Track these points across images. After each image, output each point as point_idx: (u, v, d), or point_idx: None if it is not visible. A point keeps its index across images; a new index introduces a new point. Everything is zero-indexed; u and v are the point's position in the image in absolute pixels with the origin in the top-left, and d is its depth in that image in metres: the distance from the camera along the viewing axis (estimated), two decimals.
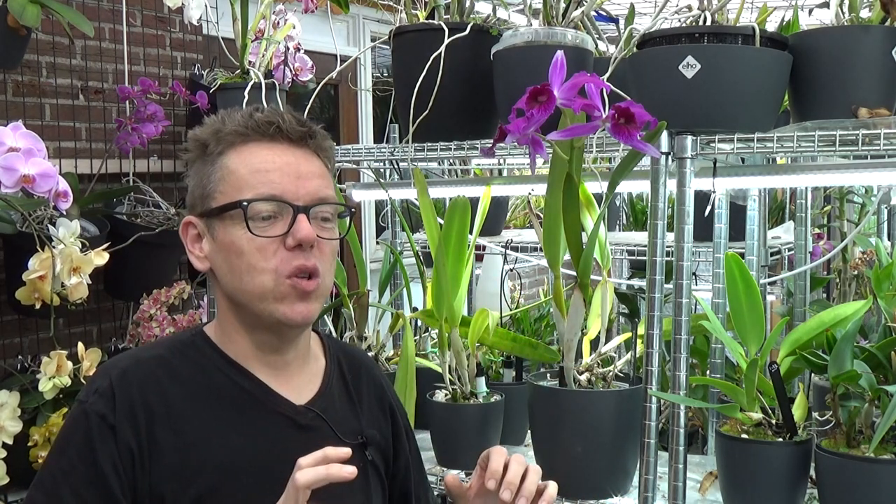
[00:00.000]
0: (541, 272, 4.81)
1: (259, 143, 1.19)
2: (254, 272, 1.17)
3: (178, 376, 1.20)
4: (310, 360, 1.30)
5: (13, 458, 2.02)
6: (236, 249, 1.18)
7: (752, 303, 1.58)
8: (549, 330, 2.50)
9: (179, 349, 1.24)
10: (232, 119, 1.21)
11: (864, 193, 2.85)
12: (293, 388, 1.25)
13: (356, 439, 1.27)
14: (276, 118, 1.20)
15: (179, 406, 1.18)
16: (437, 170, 2.91)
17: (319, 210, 1.19)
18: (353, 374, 1.35)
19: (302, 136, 1.20)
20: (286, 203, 1.17)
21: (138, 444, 1.14)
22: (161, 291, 2.53)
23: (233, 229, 1.17)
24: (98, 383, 1.17)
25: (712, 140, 1.53)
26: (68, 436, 1.16)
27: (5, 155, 1.90)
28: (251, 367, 1.23)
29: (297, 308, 1.18)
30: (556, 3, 1.75)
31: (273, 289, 1.17)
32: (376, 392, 1.37)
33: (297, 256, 1.16)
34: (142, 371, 1.19)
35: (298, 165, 1.19)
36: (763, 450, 1.52)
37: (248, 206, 1.16)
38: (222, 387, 1.21)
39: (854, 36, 1.52)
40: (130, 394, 1.16)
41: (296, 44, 2.64)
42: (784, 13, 1.98)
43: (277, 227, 1.16)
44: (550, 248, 1.60)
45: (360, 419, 1.31)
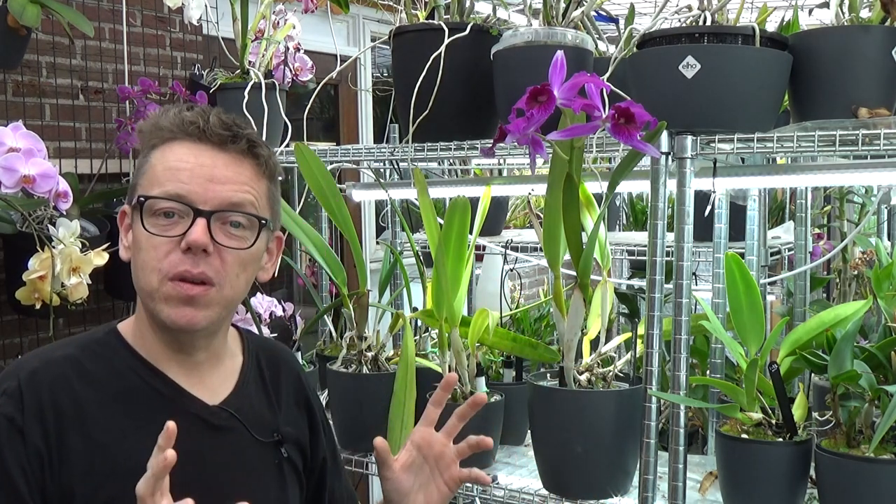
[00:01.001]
0: (541, 272, 4.81)
1: (183, 143, 1.18)
2: (145, 269, 1.16)
3: (89, 377, 1.19)
4: (225, 359, 1.29)
5: None
6: (137, 244, 1.18)
7: (752, 303, 1.58)
8: (549, 330, 2.50)
9: (91, 348, 1.23)
10: (167, 115, 1.20)
11: (864, 193, 2.84)
12: (207, 388, 1.24)
13: (271, 437, 1.27)
14: (200, 118, 1.18)
15: (90, 408, 1.16)
16: (437, 170, 2.91)
17: (228, 216, 1.17)
18: (272, 371, 1.35)
19: (224, 140, 1.18)
20: (187, 205, 1.15)
21: (47, 447, 1.12)
22: None
23: (138, 224, 1.17)
24: (6, 384, 1.16)
25: (712, 140, 1.53)
26: None
27: (5, 155, 1.90)
28: (163, 367, 1.22)
29: (180, 312, 1.16)
30: (556, 3, 1.75)
31: (157, 288, 1.16)
32: (294, 387, 1.37)
33: (186, 261, 1.14)
34: (51, 371, 1.17)
35: (215, 168, 1.17)
36: (763, 450, 1.52)
37: (146, 202, 1.16)
38: (134, 388, 1.20)
39: (854, 36, 1.52)
40: (39, 395, 1.14)
41: (296, 44, 2.64)
42: (784, 13, 1.98)
43: (176, 228, 1.15)
44: (550, 248, 1.60)
45: (277, 416, 1.30)
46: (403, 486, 1.25)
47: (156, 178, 1.17)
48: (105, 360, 1.21)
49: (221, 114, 1.20)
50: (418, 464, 1.26)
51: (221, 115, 1.20)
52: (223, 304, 1.19)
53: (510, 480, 1.84)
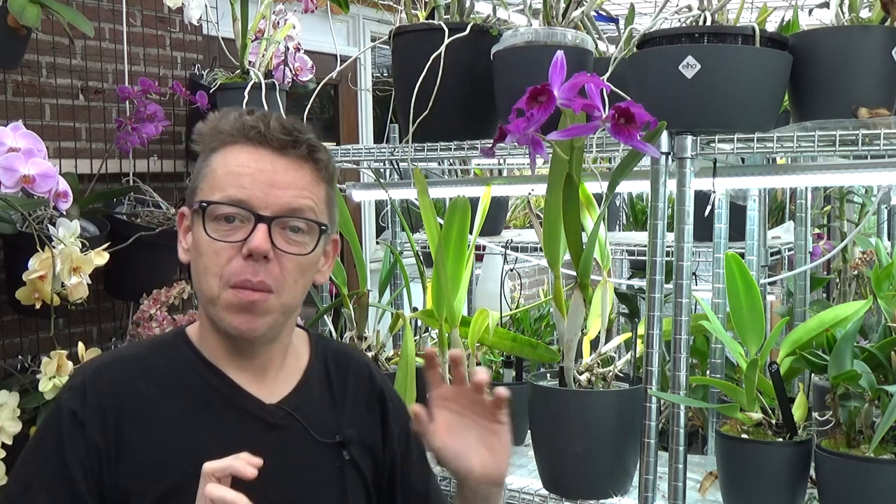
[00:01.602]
0: (541, 272, 4.81)
1: (244, 147, 1.18)
2: (207, 275, 1.17)
3: (151, 374, 1.21)
4: (288, 360, 1.29)
5: (13, 459, 2.02)
6: (198, 248, 1.18)
7: (752, 303, 1.58)
8: (549, 330, 2.50)
9: (158, 348, 1.25)
10: (227, 118, 1.21)
11: (864, 193, 2.85)
12: (266, 388, 1.24)
13: (332, 438, 1.26)
14: (260, 123, 1.18)
15: (149, 404, 1.18)
16: (437, 170, 2.91)
17: (288, 221, 1.17)
18: (340, 373, 1.34)
19: (284, 145, 1.18)
20: (248, 210, 1.15)
21: (105, 442, 1.14)
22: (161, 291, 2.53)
23: (199, 228, 1.17)
24: (73, 381, 1.20)
25: (712, 140, 1.53)
26: (44, 431, 1.18)
27: (5, 155, 1.90)
28: (223, 366, 1.22)
29: (240, 319, 1.16)
30: (556, 3, 1.75)
31: (219, 295, 1.16)
32: (364, 391, 1.35)
33: (247, 269, 1.14)
34: (116, 369, 1.20)
35: (275, 173, 1.17)
36: (763, 450, 1.53)
37: (208, 207, 1.16)
38: (193, 385, 1.21)
39: (854, 36, 1.52)
40: (102, 391, 1.17)
41: (296, 44, 2.64)
42: (784, 13, 1.98)
43: (238, 234, 1.15)
44: (550, 248, 1.60)
45: (341, 418, 1.29)
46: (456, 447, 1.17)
47: (217, 183, 1.17)
48: (168, 359, 1.23)
49: (282, 118, 1.20)
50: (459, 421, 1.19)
51: (282, 120, 1.19)
52: (281, 311, 1.19)
53: (510, 480, 1.84)
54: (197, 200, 1.18)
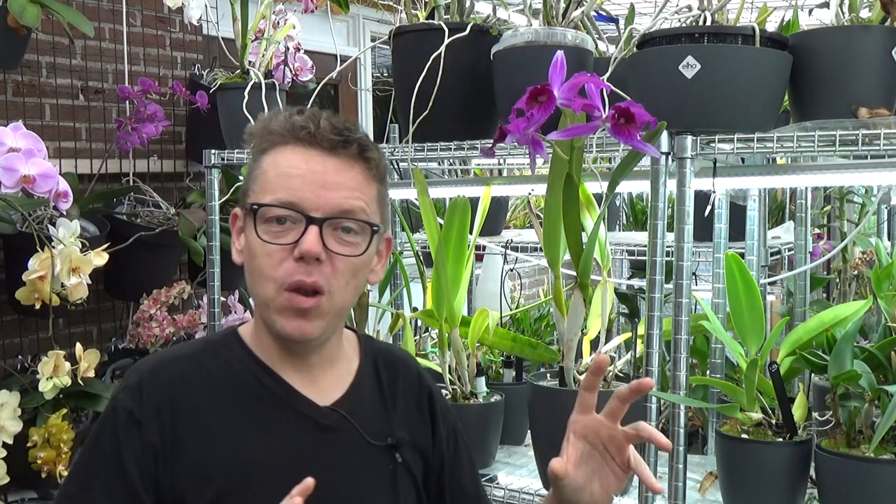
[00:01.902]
0: (541, 272, 4.81)
1: (295, 147, 1.17)
2: (261, 278, 1.16)
3: (206, 375, 1.21)
4: (340, 362, 1.28)
5: (13, 459, 2.02)
6: (251, 251, 1.18)
7: (752, 303, 1.58)
8: (549, 330, 2.50)
9: (211, 348, 1.25)
10: (277, 118, 1.19)
11: (864, 193, 2.85)
12: (319, 390, 1.24)
13: (384, 441, 1.25)
14: (310, 123, 1.16)
15: (204, 404, 1.18)
16: (437, 170, 2.91)
17: (340, 222, 1.16)
18: (390, 375, 1.33)
19: (335, 145, 1.16)
20: (299, 212, 1.14)
21: (162, 441, 1.15)
22: (161, 291, 2.53)
23: (251, 230, 1.17)
24: (129, 380, 1.19)
25: (712, 140, 1.53)
26: (100, 430, 1.17)
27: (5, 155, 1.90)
28: (277, 368, 1.22)
29: (293, 324, 1.16)
30: (556, 3, 1.75)
31: (273, 298, 1.16)
32: (413, 392, 1.34)
33: (300, 270, 1.14)
34: (171, 369, 1.20)
35: (326, 174, 1.16)
36: (763, 450, 1.53)
37: (259, 209, 1.15)
38: (247, 386, 1.21)
39: (854, 36, 1.52)
40: (158, 390, 1.17)
41: (296, 44, 2.64)
42: (784, 13, 1.98)
43: (289, 236, 1.15)
44: (550, 248, 1.60)
45: (392, 420, 1.28)
46: (579, 481, 1.15)
47: (268, 185, 1.16)
48: (222, 360, 1.23)
49: (332, 117, 1.19)
50: (587, 453, 1.16)
51: (332, 119, 1.18)
52: (334, 313, 1.19)
53: (510, 480, 1.84)
54: (249, 203, 1.18)
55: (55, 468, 2.05)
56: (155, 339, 2.48)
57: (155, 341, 2.48)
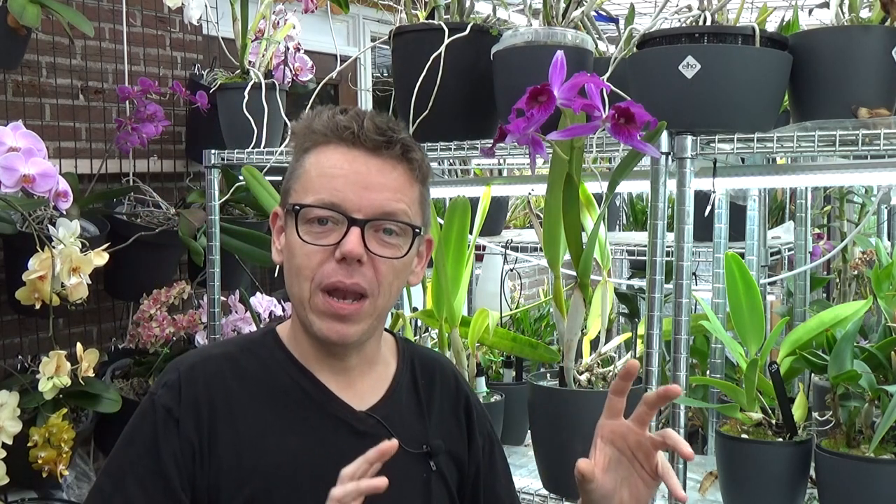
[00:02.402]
0: (541, 272, 4.81)
1: (338, 147, 1.16)
2: (299, 277, 1.15)
3: (243, 374, 1.20)
4: (377, 365, 1.27)
5: (13, 459, 2.02)
6: (290, 250, 1.17)
7: (752, 303, 1.58)
8: (549, 330, 2.50)
9: (249, 347, 1.24)
10: (321, 117, 1.18)
11: (864, 193, 2.85)
12: (356, 393, 1.23)
13: (420, 448, 1.24)
14: (354, 123, 1.15)
15: (241, 404, 1.17)
16: (437, 170, 2.91)
17: (382, 224, 1.15)
18: (427, 379, 1.31)
19: (378, 145, 1.15)
20: (341, 213, 1.13)
21: (199, 439, 1.14)
22: (161, 291, 2.53)
23: (292, 230, 1.16)
24: (167, 377, 1.19)
25: (712, 140, 1.53)
26: (136, 426, 1.17)
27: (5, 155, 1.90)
28: (314, 370, 1.21)
29: (332, 327, 1.15)
30: (556, 3, 1.75)
31: (309, 299, 1.15)
32: (450, 399, 1.33)
33: (340, 271, 1.13)
34: (209, 367, 1.20)
35: (369, 175, 1.15)
36: (763, 450, 1.53)
37: (301, 210, 1.14)
38: (284, 387, 1.20)
39: (854, 36, 1.52)
40: (196, 389, 1.17)
41: (296, 44, 2.64)
42: (784, 13, 1.98)
43: (331, 237, 1.14)
44: (550, 248, 1.60)
45: (427, 427, 1.27)
46: (607, 487, 1.15)
47: (310, 185, 1.15)
48: (260, 359, 1.22)
49: (376, 117, 1.17)
50: (615, 459, 1.16)
51: (376, 119, 1.17)
52: (375, 315, 1.18)
53: None
54: (290, 202, 1.17)
55: (55, 468, 2.05)
56: (155, 339, 2.48)
57: (155, 341, 2.48)
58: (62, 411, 2.09)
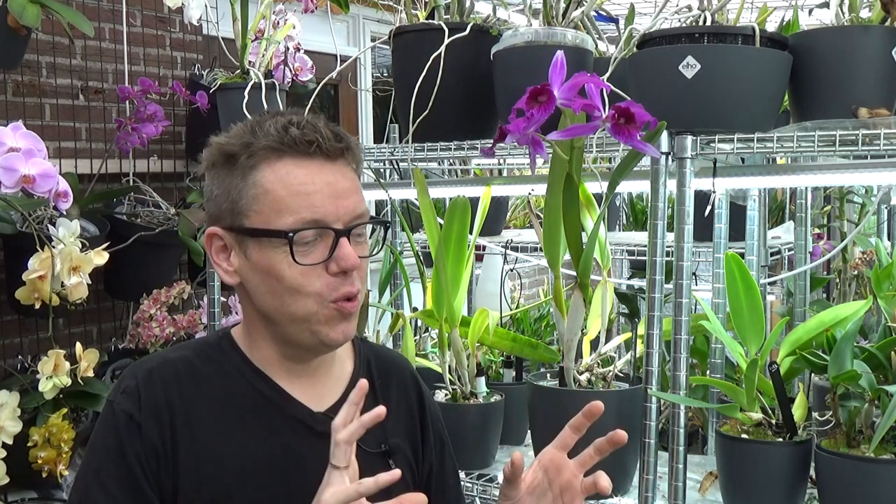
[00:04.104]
0: (541, 272, 4.81)
1: (294, 160, 1.14)
2: (297, 296, 1.15)
3: (201, 379, 1.21)
4: (334, 366, 1.28)
5: (13, 459, 2.02)
6: (276, 273, 1.15)
7: (752, 303, 1.58)
8: (549, 330, 2.50)
9: (205, 351, 1.25)
10: (264, 132, 1.15)
11: (864, 193, 2.85)
12: (314, 395, 1.24)
13: (378, 447, 1.25)
14: (315, 136, 1.14)
15: (198, 408, 1.18)
16: (437, 170, 2.91)
17: (359, 229, 1.17)
18: (383, 379, 1.32)
19: (340, 152, 1.16)
20: (328, 228, 1.14)
21: (162, 443, 1.15)
22: (161, 291, 2.53)
23: (272, 253, 1.14)
24: (125, 383, 1.19)
25: (712, 140, 1.53)
26: (99, 434, 1.17)
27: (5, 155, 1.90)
28: (272, 374, 1.22)
29: (340, 329, 1.17)
30: (556, 3, 1.75)
31: (317, 312, 1.15)
32: (406, 397, 1.34)
33: (343, 282, 1.15)
34: (167, 371, 1.20)
35: (337, 184, 1.15)
36: (763, 450, 1.52)
37: (294, 236, 1.13)
38: (241, 391, 1.21)
39: (854, 36, 1.52)
40: (155, 393, 1.17)
41: (296, 44, 2.64)
42: (784, 13, 1.98)
43: (319, 252, 1.14)
44: (550, 248, 1.60)
45: (385, 427, 1.26)
46: None
47: (284, 205, 1.13)
48: (216, 364, 1.23)
49: (329, 124, 1.17)
50: (542, 488, 1.20)
51: (330, 127, 1.17)
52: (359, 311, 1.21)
53: None
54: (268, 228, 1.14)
55: (55, 468, 2.05)
56: (155, 339, 2.48)
57: (155, 341, 2.48)
58: (62, 411, 2.09)
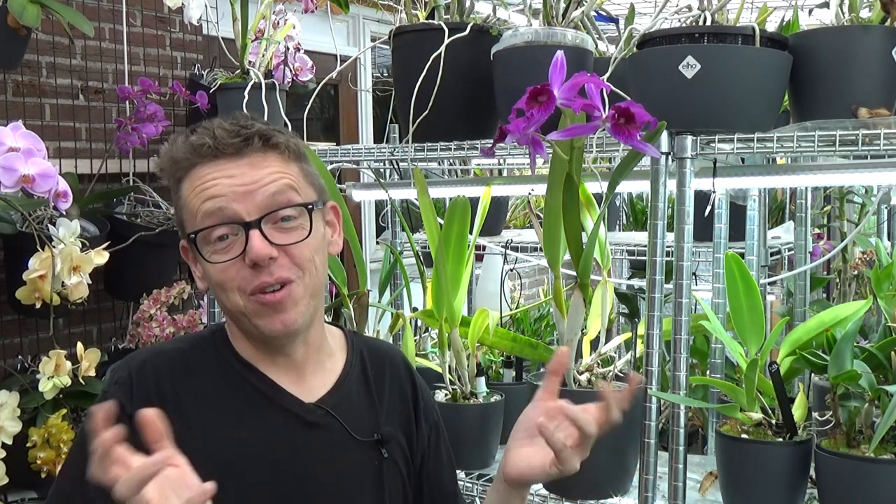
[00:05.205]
0: (541, 272, 4.80)
1: (203, 165, 1.17)
2: (227, 292, 1.18)
3: (193, 370, 1.22)
4: (324, 357, 1.29)
5: (13, 459, 2.02)
6: (208, 274, 1.19)
7: (752, 303, 1.58)
8: (549, 330, 2.50)
9: (199, 344, 1.26)
10: (177, 146, 1.20)
11: (864, 193, 2.85)
12: (305, 386, 1.25)
13: (370, 437, 1.26)
14: (206, 138, 1.16)
15: (189, 399, 1.19)
16: (437, 170, 2.91)
17: (276, 215, 1.16)
18: (376, 370, 1.34)
19: (238, 147, 1.16)
20: (233, 222, 1.15)
21: None
22: (161, 291, 2.53)
23: (200, 257, 1.18)
24: (119, 374, 1.20)
25: (712, 140, 1.53)
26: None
27: (5, 155, 1.90)
28: (261, 366, 1.23)
29: (274, 320, 1.17)
30: (556, 3, 1.75)
31: (245, 306, 1.17)
32: (400, 387, 1.35)
33: (259, 274, 1.15)
34: (159, 362, 1.21)
35: (243, 177, 1.16)
36: (763, 450, 1.52)
37: (196, 236, 1.16)
38: (233, 383, 1.22)
39: (854, 36, 1.52)
40: (147, 384, 1.18)
41: (296, 44, 2.64)
42: (784, 13, 1.98)
43: (235, 248, 1.15)
44: (550, 248, 1.60)
45: (379, 416, 1.29)
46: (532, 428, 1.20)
47: (194, 210, 1.17)
48: (209, 356, 1.24)
49: (224, 122, 1.18)
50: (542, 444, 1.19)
51: (225, 124, 1.18)
52: (310, 294, 1.20)
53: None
54: (186, 233, 1.19)
55: (55, 468, 2.05)
56: (155, 339, 2.48)
57: (155, 341, 2.48)
58: (62, 411, 2.09)
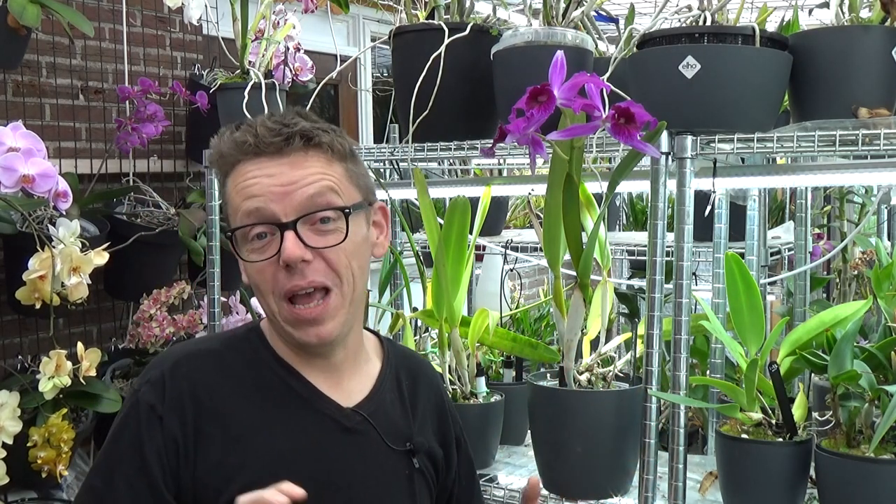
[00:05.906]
0: (541, 272, 4.80)
1: (246, 163, 1.16)
2: (262, 294, 1.17)
3: (229, 370, 1.20)
4: (362, 362, 1.28)
5: (13, 459, 2.02)
6: (247, 272, 1.19)
7: (752, 303, 1.58)
8: (549, 330, 2.50)
9: (234, 343, 1.24)
10: (224, 140, 1.19)
11: (864, 193, 2.85)
12: (342, 391, 1.23)
13: (403, 446, 1.25)
14: (248, 135, 1.15)
15: (227, 401, 1.18)
16: (437, 170, 2.91)
17: (314, 217, 1.15)
18: (411, 380, 1.33)
19: (279, 146, 1.15)
20: (269, 222, 1.14)
21: (184, 436, 1.14)
22: (161, 291, 2.53)
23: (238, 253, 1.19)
24: (151, 374, 1.18)
25: (712, 140, 1.53)
26: (122, 423, 1.17)
27: (5, 155, 1.90)
28: (300, 368, 1.22)
29: (308, 332, 1.16)
30: (556, 3, 1.75)
31: (279, 311, 1.17)
32: (434, 400, 1.35)
33: (293, 276, 1.14)
34: (193, 363, 1.20)
35: (282, 177, 1.14)
36: (763, 450, 1.52)
37: (233, 234, 1.17)
38: (270, 384, 1.20)
39: (854, 36, 1.52)
40: (180, 385, 1.16)
41: (296, 44, 2.64)
42: (784, 13, 1.98)
43: (271, 248, 1.15)
44: (550, 248, 1.60)
45: (412, 426, 1.28)
46: None
47: (236, 207, 1.17)
48: (244, 357, 1.22)
49: (268, 120, 1.17)
50: None
51: (268, 122, 1.17)
52: (347, 303, 1.18)
53: (510, 480, 1.84)
54: (229, 230, 1.20)
55: (55, 468, 2.05)
56: (155, 339, 2.48)
57: (155, 341, 2.48)
58: (62, 411, 2.09)
